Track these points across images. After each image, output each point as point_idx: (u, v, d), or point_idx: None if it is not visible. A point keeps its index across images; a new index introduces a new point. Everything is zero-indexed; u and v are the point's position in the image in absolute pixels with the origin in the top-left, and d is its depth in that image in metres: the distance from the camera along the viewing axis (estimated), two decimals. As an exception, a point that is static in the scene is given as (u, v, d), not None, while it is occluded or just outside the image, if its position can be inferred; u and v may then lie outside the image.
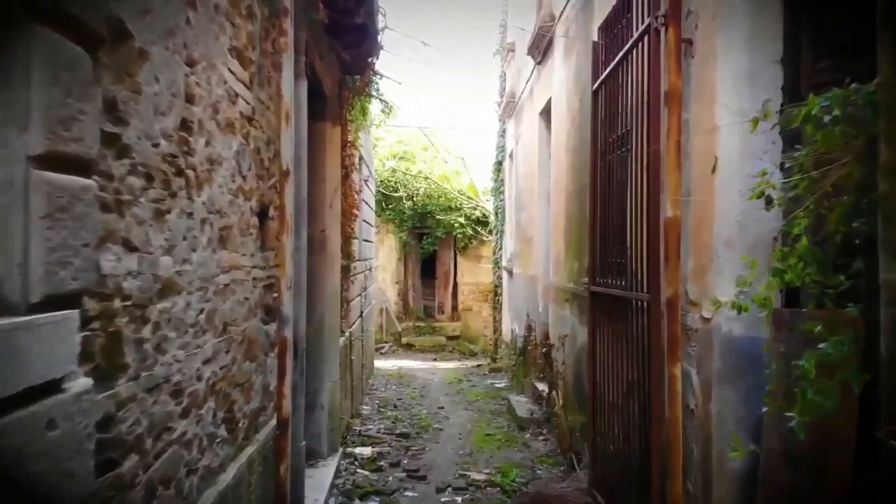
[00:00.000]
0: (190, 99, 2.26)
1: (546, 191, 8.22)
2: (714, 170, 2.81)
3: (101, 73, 1.64)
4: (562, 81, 6.75)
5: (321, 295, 5.55)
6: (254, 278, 3.12)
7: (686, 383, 3.30)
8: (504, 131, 12.15)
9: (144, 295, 1.93)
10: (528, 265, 9.27)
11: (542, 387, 7.69)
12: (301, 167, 4.00)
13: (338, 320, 6.01)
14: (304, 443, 4.05)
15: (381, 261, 15.56)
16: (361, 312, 8.77)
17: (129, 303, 1.82)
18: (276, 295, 3.42)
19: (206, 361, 2.46)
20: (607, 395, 4.42)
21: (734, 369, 3.07)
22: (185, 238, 2.22)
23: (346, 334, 6.92)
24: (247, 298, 2.99)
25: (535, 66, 8.55)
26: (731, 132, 3.09)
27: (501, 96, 12.15)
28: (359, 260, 8.35)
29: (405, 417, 8.02)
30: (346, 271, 6.80)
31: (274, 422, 3.38)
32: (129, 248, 1.82)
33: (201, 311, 2.39)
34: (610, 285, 4.31)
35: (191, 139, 2.26)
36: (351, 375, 7.38)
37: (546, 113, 7.94)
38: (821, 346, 2.09)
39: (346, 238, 6.88)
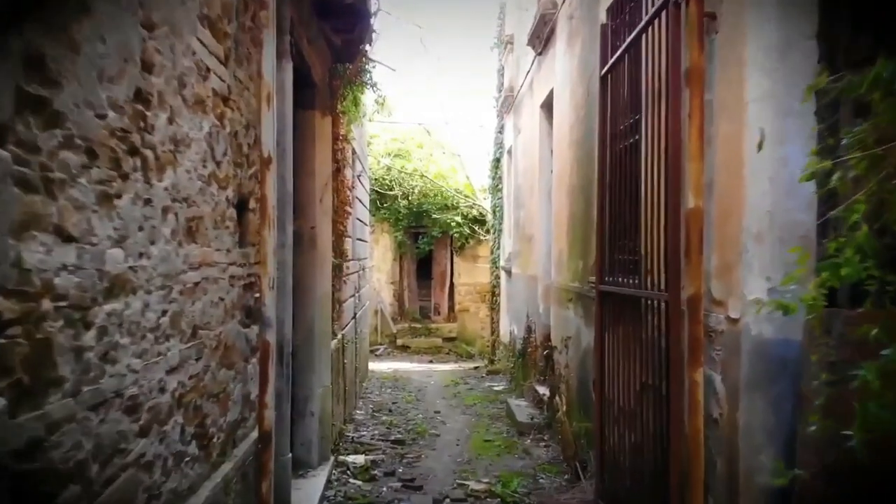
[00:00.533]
0: (147, 67, 1.94)
1: (547, 187, 7.92)
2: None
3: (22, 19, 1.33)
4: (565, 71, 6.45)
5: (311, 295, 5.23)
6: (231, 276, 2.80)
7: (709, 390, 3.00)
8: (502, 127, 11.85)
9: (86, 294, 1.61)
10: (527, 265, 8.97)
11: (543, 390, 7.38)
12: (286, 156, 3.69)
13: (329, 323, 5.69)
14: (289, 455, 3.73)
15: (376, 261, 15.24)
16: (355, 314, 8.46)
17: (63, 304, 1.51)
18: (257, 295, 3.10)
19: (172, 371, 2.14)
20: (616, 401, 4.11)
21: (764, 375, 2.77)
22: (141, 228, 1.91)
23: (339, 337, 6.60)
24: (222, 299, 2.68)
25: (535, 57, 8.24)
26: (760, 113, 2.79)
27: (499, 91, 11.85)
28: (352, 259, 8.03)
29: (400, 422, 7.70)
30: (338, 271, 6.48)
31: (255, 434, 3.06)
32: (64, 237, 1.50)
33: (164, 313, 2.08)
34: (621, 284, 4.01)
35: (148, 113, 1.95)
36: (344, 380, 7.07)
37: (547, 106, 7.64)
38: (884, 352, 1.79)
39: (339, 236, 6.56)
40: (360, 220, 9.41)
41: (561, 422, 5.86)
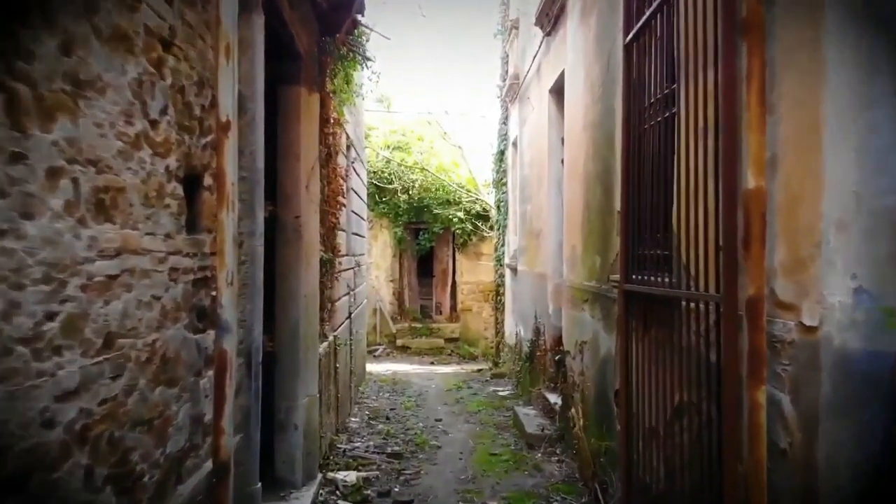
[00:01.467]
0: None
1: (557, 178, 7.33)
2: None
3: None
4: (578, 49, 5.85)
5: (295, 295, 4.64)
6: (172, 269, 2.21)
7: (773, 414, 2.41)
8: (506, 118, 11.26)
9: None
10: (535, 262, 8.37)
11: (554, 398, 6.79)
12: (255, 126, 3.10)
13: (316, 324, 5.11)
14: (258, 485, 3.14)
15: (375, 258, 14.66)
16: (349, 314, 7.88)
17: None
18: (213, 293, 2.52)
19: (66, 396, 1.56)
20: (646, 419, 3.52)
21: (851, 398, 2.19)
22: (5, 194, 1.32)
23: (330, 339, 6.01)
24: (158, 297, 2.09)
25: (543, 39, 7.64)
26: (841, 68, 2.20)
27: (504, 80, 11.24)
28: (346, 255, 7.45)
29: (398, 432, 7.11)
30: (329, 267, 5.90)
31: (210, 465, 2.48)
32: None
33: (50, 316, 1.49)
34: (650, 283, 3.42)
35: (24, 32, 1.36)
36: (336, 386, 6.48)
37: (557, 90, 7.04)
38: None
39: (330, 229, 5.97)
40: (356, 214, 8.83)
41: (577, 437, 5.26)
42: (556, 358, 6.89)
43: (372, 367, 12.41)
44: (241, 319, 2.89)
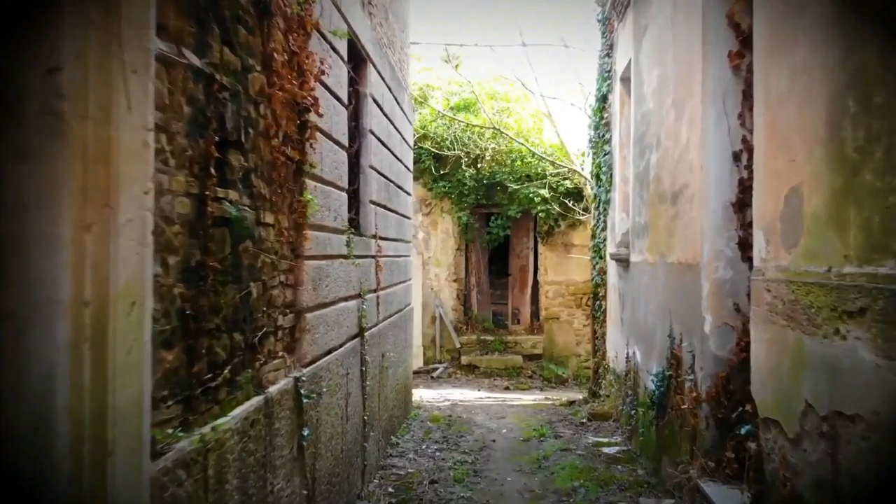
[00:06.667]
0: None
1: (721, 81, 4.02)
2: None
3: None
4: None
5: (43, 302, 1.59)
6: None
7: None
8: (611, 46, 7.95)
9: None
10: (668, 244, 5.04)
11: (723, 498, 3.49)
12: None
13: (141, 389, 2.05)
14: None
15: (434, 251, 11.58)
16: (362, 329, 4.81)
17: None
18: None
19: None
20: None
21: None
22: None
23: (288, 385, 2.99)
24: None
25: None
26: None
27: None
28: (337, 231, 4.42)
29: (433, 542, 4.00)
30: (277, 242, 2.85)
31: None
32: None
33: None
34: None
35: None
36: (312, 485, 3.44)
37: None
38: None
39: (280, 165, 2.94)
40: (384, 176, 5.75)
41: None
42: (733, 416, 3.58)
43: (426, 394, 9.36)
44: None
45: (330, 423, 3.96)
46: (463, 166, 11.02)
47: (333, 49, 3.96)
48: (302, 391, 3.32)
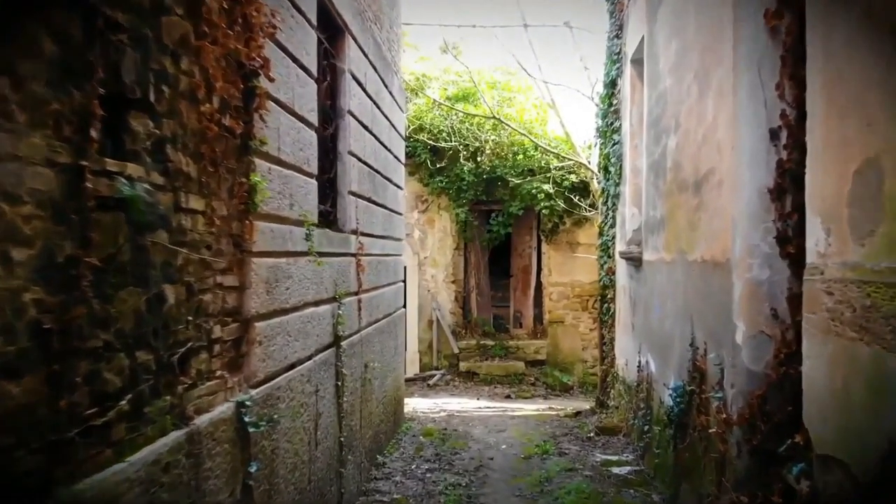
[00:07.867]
0: None
1: (757, 50, 3.38)
2: None
3: None
4: None
5: None
6: None
7: None
8: (620, 27, 7.32)
9: None
10: (688, 240, 4.40)
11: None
12: None
13: None
14: None
15: (430, 251, 10.95)
16: (337, 338, 4.19)
17: None
18: None
19: None
20: None
21: None
22: None
23: (226, 412, 2.37)
24: None
25: None
26: None
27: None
28: (304, 220, 3.81)
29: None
30: (207, 224, 2.24)
31: None
32: None
33: None
34: None
35: None
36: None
37: None
38: None
39: (202, 128, 2.33)
40: (367, 165, 5.12)
41: None
42: (774, 459, 2.93)
43: (421, 404, 8.73)
44: None
45: (292, 451, 3.34)
46: (461, 160, 10.37)
47: (295, 6, 3.33)
48: (247, 418, 2.69)
